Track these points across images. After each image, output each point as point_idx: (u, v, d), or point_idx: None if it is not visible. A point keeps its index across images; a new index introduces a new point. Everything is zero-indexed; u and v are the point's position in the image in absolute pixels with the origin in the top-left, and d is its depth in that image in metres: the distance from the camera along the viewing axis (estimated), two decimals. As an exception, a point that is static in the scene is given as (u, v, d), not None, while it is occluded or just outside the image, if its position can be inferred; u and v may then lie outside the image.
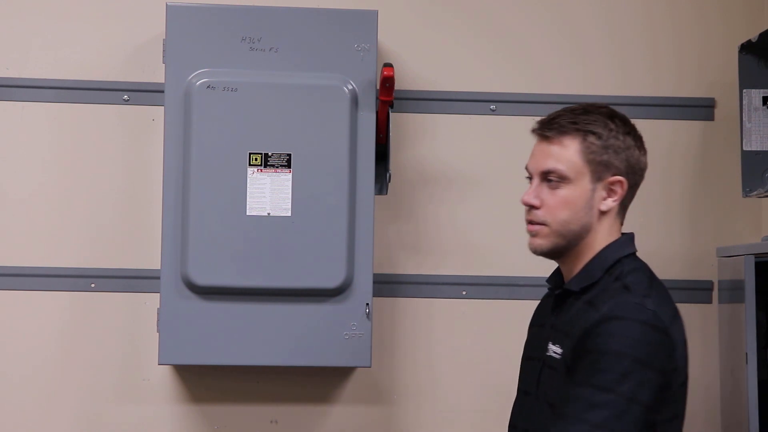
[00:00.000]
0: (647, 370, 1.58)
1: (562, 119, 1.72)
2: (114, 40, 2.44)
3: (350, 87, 2.26)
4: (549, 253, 1.74)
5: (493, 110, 2.49)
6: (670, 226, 2.53)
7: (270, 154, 2.24)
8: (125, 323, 2.42)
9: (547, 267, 1.77)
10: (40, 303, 2.41)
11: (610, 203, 1.72)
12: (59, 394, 2.41)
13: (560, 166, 1.71)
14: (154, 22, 2.39)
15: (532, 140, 1.73)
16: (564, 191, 1.72)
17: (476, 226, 2.47)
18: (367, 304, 2.29)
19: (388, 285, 2.37)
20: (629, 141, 1.73)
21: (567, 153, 1.72)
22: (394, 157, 2.36)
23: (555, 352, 1.67)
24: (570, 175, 1.72)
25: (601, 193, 1.72)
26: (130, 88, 2.44)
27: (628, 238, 1.75)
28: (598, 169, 1.70)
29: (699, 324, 2.50)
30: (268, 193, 2.24)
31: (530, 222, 1.73)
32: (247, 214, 2.24)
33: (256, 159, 2.24)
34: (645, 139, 2.51)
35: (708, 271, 2.50)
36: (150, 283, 2.37)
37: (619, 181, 1.71)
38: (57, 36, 2.44)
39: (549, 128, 1.73)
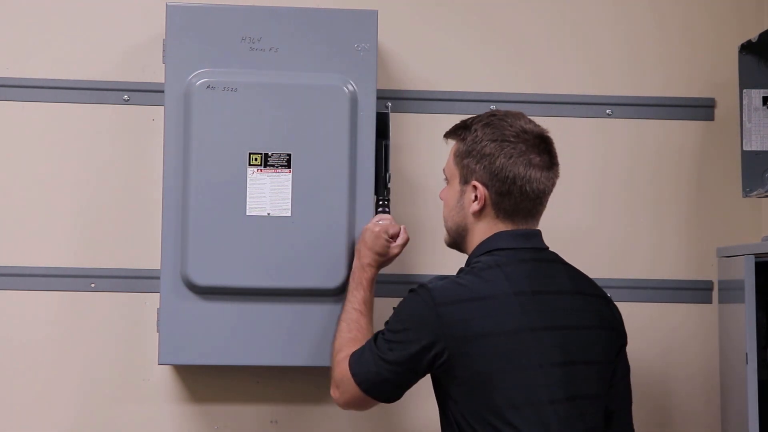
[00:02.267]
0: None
1: (456, 123, 1.92)
2: (114, 40, 2.44)
3: (350, 87, 2.26)
4: (453, 248, 1.96)
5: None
6: (670, 226, 2.53)
7: (270, 154, 2.24)
8: (125, 323, 2.42)
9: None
10: (40, 303, 2.41)
11: (475, 206, 1.85)
12: (59, 394, 2.41)
13: (445, 167, 1.93)
14: (154, 22, 2.39)
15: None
16: (446, 190, 1.93)
17: (476, 226, 2.47)
18: (367, 304, 2.29)
19: (388, 285, 2.37)
20: (494, 149, 1.83)
21: (450, 155, 1.91)
22: (394, 157, 2.36)
23: None
24: (447, 176, 1.93)
25: (470, 195, 1.86)
26: (130, 88, 2.44)
27: (497, 236, 1.85)
28: (464, 172, 1.87)
29: (699, 324, 2.50)
30: (268, 193, 2.24)
31: None
32: (247, 214, 2.23)
33: (256, 159, 2.24)
34: (644, 139, 2.53)
35: (708, 271, 2.50)
36: (150, 283, 2.37)
37: (476, 186, 1.84)
38: (57, 36, 2.44)
39: (446, 132, 1.94)
